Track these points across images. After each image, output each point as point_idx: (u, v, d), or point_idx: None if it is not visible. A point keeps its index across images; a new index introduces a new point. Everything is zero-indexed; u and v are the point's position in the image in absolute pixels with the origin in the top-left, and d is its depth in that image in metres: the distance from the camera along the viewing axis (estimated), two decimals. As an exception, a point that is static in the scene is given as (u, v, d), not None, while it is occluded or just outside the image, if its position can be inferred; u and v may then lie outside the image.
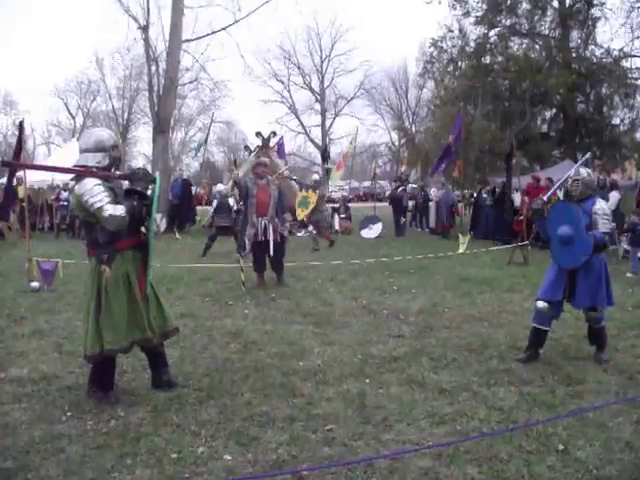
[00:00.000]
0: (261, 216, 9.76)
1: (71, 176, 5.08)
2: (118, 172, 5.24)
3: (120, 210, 4.58)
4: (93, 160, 4.84)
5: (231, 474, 3.76)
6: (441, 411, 4.74)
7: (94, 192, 4.60)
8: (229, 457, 3.97)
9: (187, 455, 3.99)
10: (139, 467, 3.84)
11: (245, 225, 9.95)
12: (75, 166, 4.92)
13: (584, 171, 6.17)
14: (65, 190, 20.09)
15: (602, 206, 5.97)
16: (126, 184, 5.02)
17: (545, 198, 6.51)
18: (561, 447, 4.11)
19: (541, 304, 5.96)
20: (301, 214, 16.06)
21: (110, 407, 4.77)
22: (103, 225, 4.63)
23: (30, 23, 75.81)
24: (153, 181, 4.99)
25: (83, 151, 4.90)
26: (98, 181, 4.69)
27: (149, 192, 4.92)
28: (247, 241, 9.76)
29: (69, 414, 4.65)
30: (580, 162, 7.33)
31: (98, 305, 4.77)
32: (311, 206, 15.97)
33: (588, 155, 7.65)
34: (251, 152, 18.72)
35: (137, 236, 4.98)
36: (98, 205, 4.55)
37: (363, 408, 4.79)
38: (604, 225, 5.88)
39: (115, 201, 4.68)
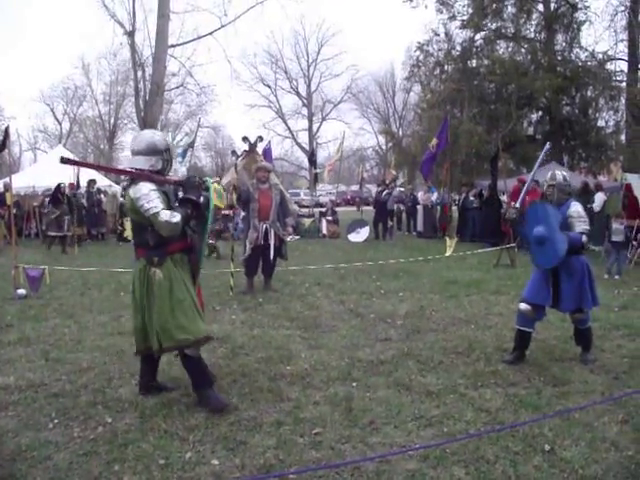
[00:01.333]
0: (263, 220, 9.72)
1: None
2: (174, 177, 5.28)
3: (176, 217, 4.60)
4: (146, 163, 4.84)
5: (219, 479, 3.76)
6: (428, 413, 4.76)
7: (150, 197, 4.61)
8: (217, 462, 3.96)
9: (175, 460, 3.98)
10: (127, 473, 3.83)
11: (247, 230, 9.93)
12: (129, 169, 4.93)
13: (559, 175, 6.15)
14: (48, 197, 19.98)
15: (577, 209, 5.95)
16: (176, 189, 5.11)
17: (517, 205, 6.45)
18: (547, 447, 4.14)
19: (524, 306, 6.00)
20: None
21: (97, 414, 4.76)
22: (158, 230, 4.65)
23: (15, 28, 75.55)
24: (206, 189, 5.01)
25: (135, 154, 4.89)
26: (153, 186, 4.71)
27: (202, 200, 4.91)
28: (248, 245, 9.72)
29: (56, 421, 4.63)
30: (540, 157, 7.45)
31: (144, 307, 4.83)
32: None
33: (548, 145, 7.64)
34: (238, 157, 18.69)
35: (184, 240, 4.98)
36: (154, 211, 4.56)
37: (350, 411, 4.79)
38: (579, 226, 5.86)
39: (168, 206, 4.73)
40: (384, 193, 20.82)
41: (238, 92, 73.55)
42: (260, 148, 21.30)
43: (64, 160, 5.05)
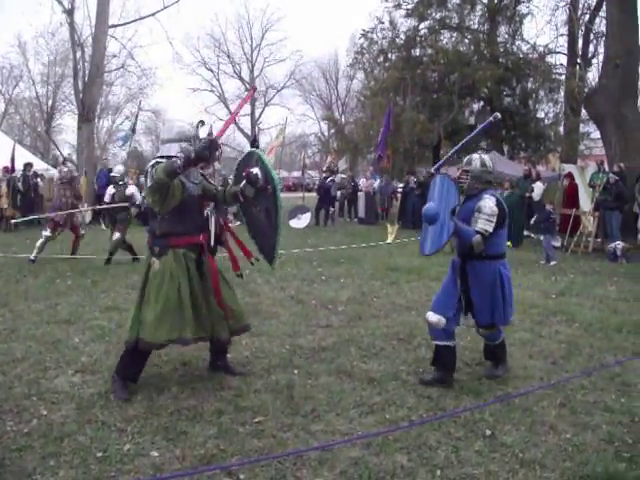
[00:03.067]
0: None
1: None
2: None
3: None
4: (174, 150, 4.76)
5: (159, 471, 3.67)
6: (370, 400, 4.76)
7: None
8: (156, 453, 3.88)
9: (113, 453, 3.87)
10: (63, 468, 3.71)
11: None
12: (160, 157, 4.84)
13: (477, 161, 5.15)
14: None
15: (487, 203, 4.94)
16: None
17: (432, 170, 5.76)
18: (488, 432, 4.19)
19: (433, 317, 5.08)
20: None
21: (32, 406, 4.60)
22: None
23: (-54, 5, 72.58)
24: (260, 161, 4.97)
25: (165, 142, 4.93)
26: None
27: (255, 172, 4.79)
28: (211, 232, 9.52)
29: (-13, 414, 4.46)
30: (482, 125, 6.15)
31: (142, 295, 4.82)
32: None
33: (497, 115, 5.70)
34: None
35: (196, 236, 4.93)
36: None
37: (292, 399, 4.76)
38: (480, 223, 4.92)
39: (181, 189, 4.75)
40: (328, 179, 20.82)
41: (180, 76, 72.37)
42: (203, 133, 21.00)
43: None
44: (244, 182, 4.86)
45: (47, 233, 11.30)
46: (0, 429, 4.23)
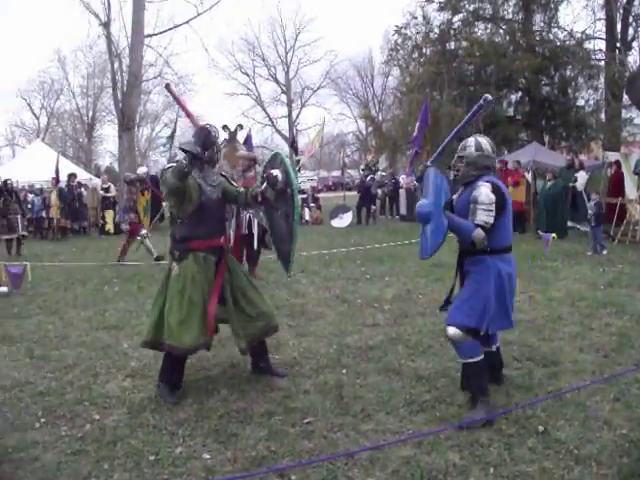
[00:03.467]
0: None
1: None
2: None
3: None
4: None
5: (211, 473, 3.70)
6: (420, 398, 4.72)
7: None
8: (208, 456, 3.91)
9: (165, 456, 3.91)
10: (117, 471, 3.77)
11: (230, 219, 9.79)
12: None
13: (472, 145, 4.62)
14: (31, 192, 19.76)
15: (483, 192, 4.35)
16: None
17: (429, 163, 5.17)
18: (541, 429, 4.12)
19: (452, 330, 4.45)
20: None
21: (85, 411, 4.68)
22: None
23: (-12, 23, 74.47)
24: (281, 162, 4.98)
25: (178, 148, 5.12)
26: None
27: (275, 174, 4.80)
28: (231, 234, 9.57)
29: (43, 420, 4.54)
30: (474, 109, 5.21)
31: (163, 300, 4.87)
32: None
33: (487, 97, 4.91)
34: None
35: (216, 239, 4.96)
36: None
37: (341, 399, 4.75)
38: (480, 215, 4.33)
39: (198, 192, 4.79)
40: (369, 178, 20.76)
41: (216, 81, 73.24)
42: (241, 136, 21.14)
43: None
44: (265, 184, 4.87)
45: (144, 232, 12.16)
46: (55, 434, 4.33)
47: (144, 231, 12.35)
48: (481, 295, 4.39)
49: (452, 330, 4.41)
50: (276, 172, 4.78)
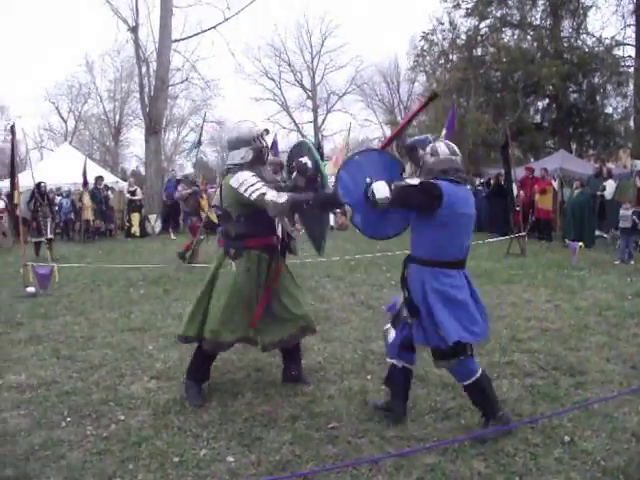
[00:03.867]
0: None
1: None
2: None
3: (283, 198, 4.54)
4: (237, 157, 4.87)
5: (235, 476, 3.71)
6: (445, 406, 4.70)
7: (252, 182, 4.63)
8: (232, 459, 3.92)
9: (189, 458, 3.93)
10: (141, 472, 3.79)
11: None
12: (229, 165, 4.97)
13: (428, 152, 4.37)
14: (59, 195, 19.97)
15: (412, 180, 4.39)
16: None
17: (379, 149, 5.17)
18: (567, 439, 4.07)
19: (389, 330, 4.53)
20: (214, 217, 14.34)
21: (110, 411, 4.72)
22: (267, 210, 4.61)
23: (17, 27, 75.50)
24: (308, 149, 4.95)
25: (230, 149, 4.98)
26: (252, 173, 4.74)
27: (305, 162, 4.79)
28: None
29: (69, 419, 4.59)
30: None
31: (209, 294, 4.88)
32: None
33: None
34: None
35: (269, 237, 5.02)
36: (259, 192, 4.57)
37: (365, 405, 4.74)
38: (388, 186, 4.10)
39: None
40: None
41: (243, 86, 73.56)
42: (268, 141, 21.20)
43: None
44: (295, 173, 4.87)
45: (202, 237, 12.31)
46: (80, 433, 4.37)
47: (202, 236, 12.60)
48: (423, 310, 4.17)
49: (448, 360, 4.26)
50: (305, 159, 4.78)
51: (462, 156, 4.48)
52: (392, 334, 4.45)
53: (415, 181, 4.31)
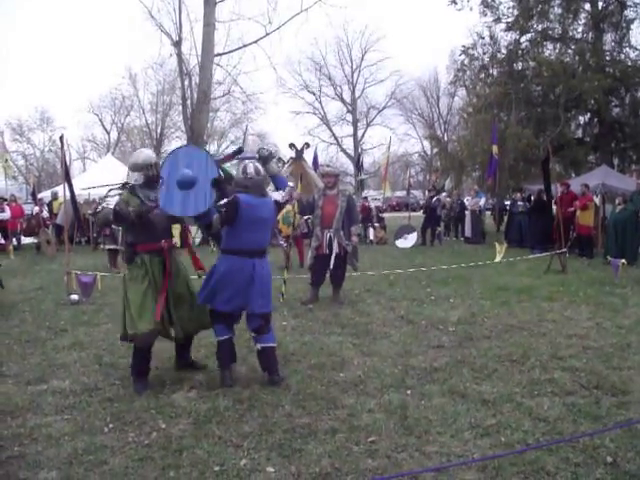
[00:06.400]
0: (326, 228, 9.36)
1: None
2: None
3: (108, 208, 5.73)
4: (133, 178, 5.72)
5: (274, 487, 3.74)
6: (484, 422, 4.66)
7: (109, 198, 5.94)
8: (272, 469, 3.94)
9: (230, 467, 3.97)
10: (182, 479, 3.84)
11: (311, 237, 9.81)
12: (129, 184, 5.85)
13: (239, 170, 5.72)
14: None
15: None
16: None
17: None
18: (609, 459, 4.00)
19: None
20: (286, 231, 13.77)
21: (151, 419, 4.79)
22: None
23: (64, 40, 77.36)
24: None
25: (131, 170, 5.87)
26: (129, 192, 5.67)
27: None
28: (311, 253, 9.52)
29: (111, 426, 4.68)
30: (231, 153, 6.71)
31: (126, 299, 5.58)
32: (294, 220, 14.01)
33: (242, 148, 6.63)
34: (284, 164, 18.68)
35: (156, 243, 5.62)
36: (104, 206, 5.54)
37: (405, 419, 4.73)
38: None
39: (141, 205, 5.52)
40: (434, 199, 20.64)
41: (283, 99, 74.02)
42: (309, 155, 21.32)
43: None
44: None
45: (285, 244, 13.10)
46: (122, 439, 4.44)
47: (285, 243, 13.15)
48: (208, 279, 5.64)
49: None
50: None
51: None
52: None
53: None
